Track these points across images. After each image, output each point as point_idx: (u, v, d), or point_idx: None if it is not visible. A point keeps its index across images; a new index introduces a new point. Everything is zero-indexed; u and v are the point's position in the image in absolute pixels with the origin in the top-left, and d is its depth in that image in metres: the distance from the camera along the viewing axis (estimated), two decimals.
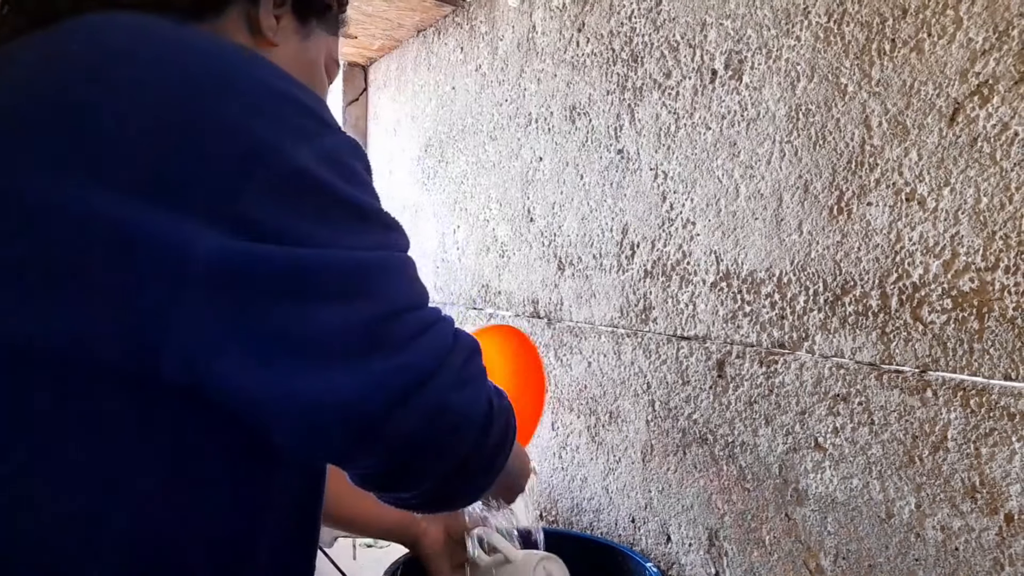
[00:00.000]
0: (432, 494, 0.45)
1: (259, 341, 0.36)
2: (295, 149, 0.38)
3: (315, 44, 0.58)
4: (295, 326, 0.37)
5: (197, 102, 0.38)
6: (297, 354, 0.37)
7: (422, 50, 1.55)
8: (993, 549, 0.60)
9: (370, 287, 0.39)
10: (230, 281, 0.36)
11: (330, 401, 0.37)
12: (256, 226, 0.37)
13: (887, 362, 0.68)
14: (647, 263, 0.96)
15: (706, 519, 0.88)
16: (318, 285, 0.37)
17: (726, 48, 0.84)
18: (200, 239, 0.35)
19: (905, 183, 0.66)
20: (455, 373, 0.42)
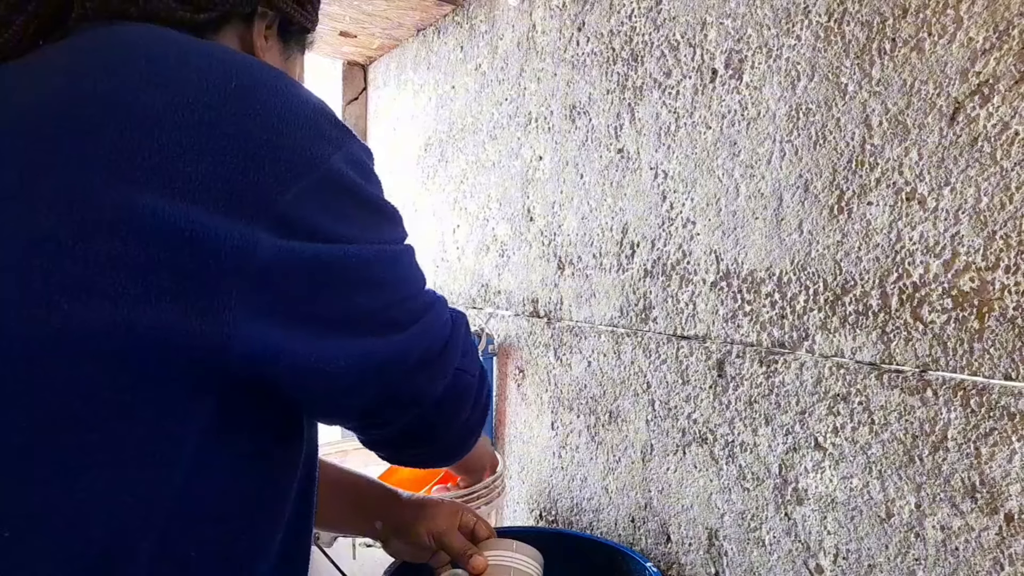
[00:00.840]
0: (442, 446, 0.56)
1: (309, 320, 0.42)
2: (331, 157, 0.44)
3: (293, 63, 0.63)
4: (338, 308, 0.44)
5: (248, 114, 0.42)
6: (341, 329, 0.44)
7: (422, 49, 1.55)
8: (993, 549, 0.60)
9: (394, 275, 0.48)
10: (284, 275, 0.41)
11: (369, 362, 0.45)
12: (300, 226, 0.42)
13: (887, 362, 0.67)
14: (647, 262, 0.95)
15: (706, 519, 0.88)
16: (354, 276, 0.44)
17: (726, 47, 0.84)
18: (257, 241, 0.40)
19: (905, 183, 0.66)
20: (463, 341, 0.53)
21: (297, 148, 0.43)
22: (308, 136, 0.43)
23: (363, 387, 0.46)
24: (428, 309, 0.50)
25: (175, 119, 0.40)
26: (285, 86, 0.45)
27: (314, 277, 0.42)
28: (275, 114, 0.43)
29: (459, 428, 0.56)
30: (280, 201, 0.41)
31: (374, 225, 0.47)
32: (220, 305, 0.40)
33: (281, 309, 0.41)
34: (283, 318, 0.41)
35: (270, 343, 0.41)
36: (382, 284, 0.46)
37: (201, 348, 0.40)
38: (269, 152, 0.41)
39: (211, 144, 0.40)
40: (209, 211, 0.39)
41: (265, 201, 0.41)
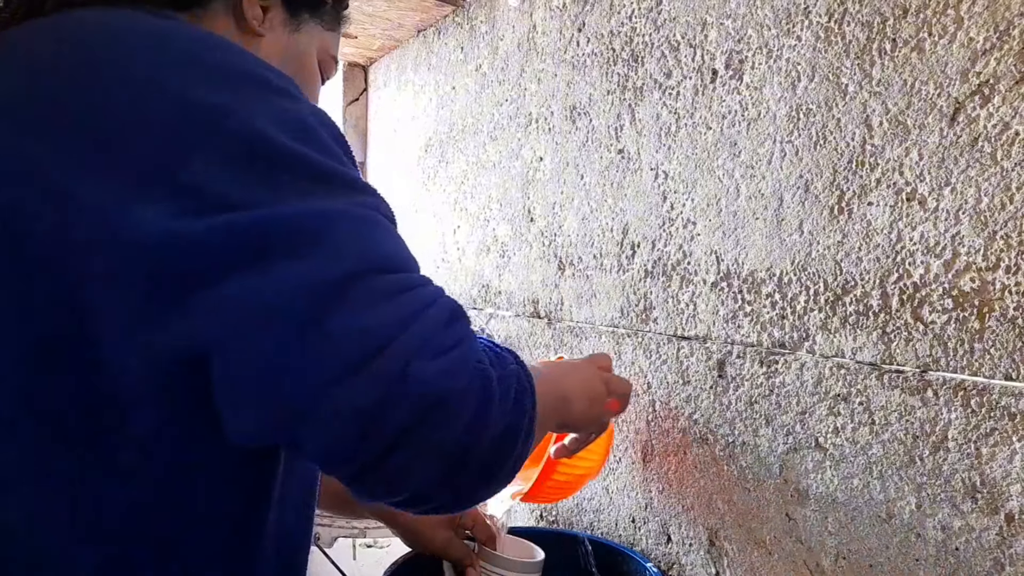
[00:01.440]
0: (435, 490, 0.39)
1: (213, 315, 0.34)
2: (250, 114, 0.37)
3: (306, 37, 0.57)
4: (246, 294, 0.34)
5: (155, 80, 0.38)
6: (238, 326, 0.34)
7: (422, 50, 1.55)
8: (993, 549, 0.60)
9: (329, 241, 0.36)
10: (187, 255, 0.34)
11: (274, 369, 0.34)
12: (204, 195, 0.35)
13: (888, 362, 0.67)
14: (647, 263, 0.95)
15: (706, 519, 0.87)
16: (265, 246, 0.35)
17: (727, 48, 0.84)
18: (139, 220, 0.34)
19: (906, 183, 0.66)
20: (423, 339, 0.36)
21: (208, 107, 0.37)
22: (223, 95, 0.38)
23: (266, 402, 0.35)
24: (391, 295, 0.37)
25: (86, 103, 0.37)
26: (212, 53, 0.40)
27: (210, 261, 0.34)
28: (189, 76, 0.38)
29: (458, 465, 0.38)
30: (187, 170, 0.35)
31: (310, 192, 0.37)
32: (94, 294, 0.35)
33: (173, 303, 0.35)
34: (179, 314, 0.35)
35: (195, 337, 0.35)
36: (310, 254, 0.35)
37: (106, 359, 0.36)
38: (171, 113, 0.37)
39: (110, 112, 0.37)
40: (96, 179, 0.35)
41: (168, 171, 0.35)
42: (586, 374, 0.58)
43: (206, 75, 0.38)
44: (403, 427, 0.35)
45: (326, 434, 0.34)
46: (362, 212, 0.38)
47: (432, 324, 0.37)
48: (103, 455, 0.38)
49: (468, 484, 0.39)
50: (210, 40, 0.41)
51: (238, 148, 0.36)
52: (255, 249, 0.34)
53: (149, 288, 0.35)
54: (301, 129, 0.39)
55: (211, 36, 0.42)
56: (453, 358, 0.37)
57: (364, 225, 0.37)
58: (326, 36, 0.60)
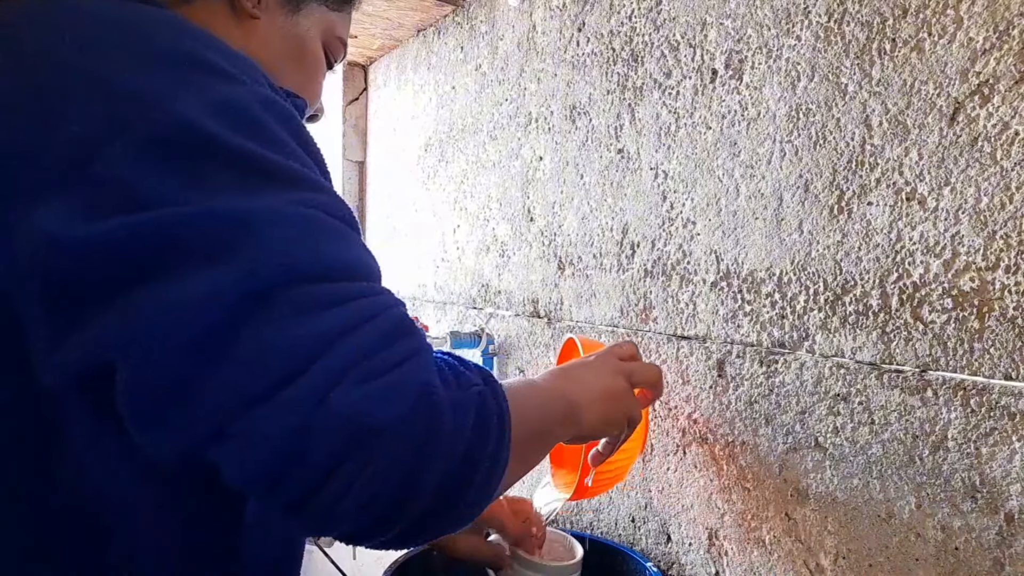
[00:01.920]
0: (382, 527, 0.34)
1: (103, 333, 0.30)
2: (177, 100, 0.32)
3: (307, 19, 0.53)
4: (141, 310, 0.30)
5: (80, 66, 0.33)
6: (142, 342, 0.30)
7: (422, 49, 1.55)
8: (993, 549, 0.60)
9: (254, 245, 0.31)
10: (60, 275, 0.30)
11: (179, 389, 0.30)
12: (112, 192, 0.31)
13: (887, 362, 0.67)
14: (647, 263, 0.96)
15: (706, 519, 0.88)
16: (178, 251, 0.30)
17: (726, 48, 0.84)
18: (39, 222, 0.30)
19: (906, 183, 0.66)
20: (351, 361, 0.31)
21: (128, 93, 0.32)
22: (148, 80, 0.33)
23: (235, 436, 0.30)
24: (325, 306, 0.32)
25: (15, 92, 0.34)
26: (147, 33, 0.35)
27: (136, 256, 0.30)
28: (114, 60, 0.33)
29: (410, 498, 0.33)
30: (98, 164, 0.31)
31: (242, 189, 0.32)
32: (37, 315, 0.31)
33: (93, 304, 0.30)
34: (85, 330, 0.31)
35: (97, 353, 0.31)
36: (225, 259, 0.30)
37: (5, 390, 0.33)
38: (88, 100, 0.32)
39: (22, 105, 0.33)
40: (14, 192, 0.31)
41: (74, 166, 0.31)
42: (599, 372, 0.53)
43: (138, 59, 0.34)
44: (325, 464, 0.30)
45: (238, 463, 0.30)
46: (300, 212, 0.33)
47: (367, 342, 0.32)
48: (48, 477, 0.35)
49: (416, 523, 0.34)
50: (161, 22, 0.37)
51: (157, 138, 0.32)
52: (167, 254, 0.30)
53: (52, 297, 0.31)
54: (238, 116, 0.34)
55: (168, 19, 0.38)
56: (389, 382, 0.32)
57: (300, 227, 0.33)
58: (332, 17, 0.55)
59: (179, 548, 0.39)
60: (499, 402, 0.37)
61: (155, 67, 0.34)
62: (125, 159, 0.31)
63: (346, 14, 0.58)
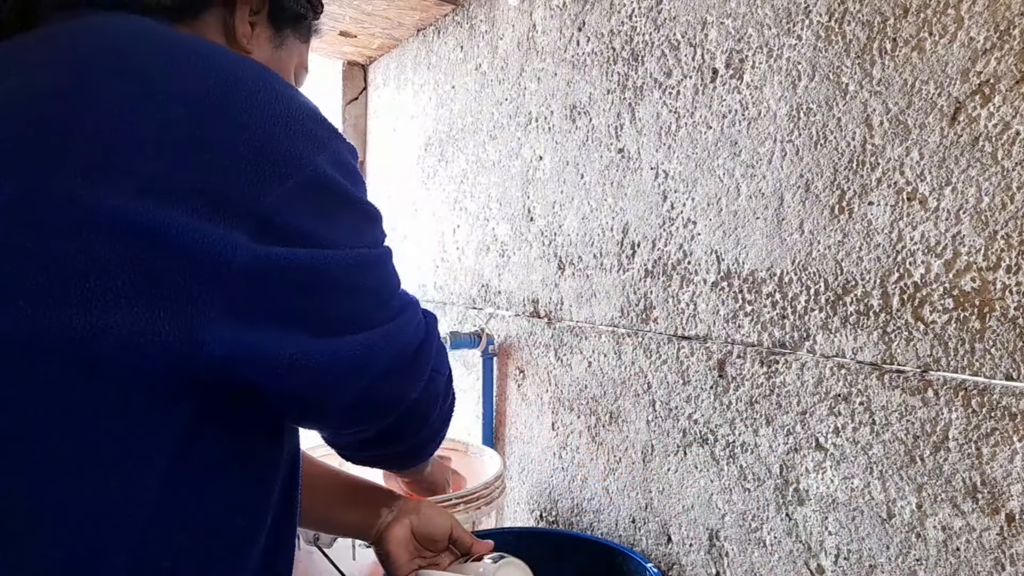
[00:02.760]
0: (404, 448, 0.57)
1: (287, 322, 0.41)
2: (315, 157, 0.42)
3: (287, 52, 0.59)
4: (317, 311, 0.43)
5: (229, 113, 0.40)
6: (320, 331, 0.43)
7: (422, 49, 1.55)
8: (994, 549, 0.60)
9: (373, 280, 0.47)
10: (262, 280, 0.40)
11: (348, 360, 0.44)
12: (282, 229, 0.40)
13: (888, 362, 0.67)
14: (648, 263, 0.95)
15: (707, 519, 0.87)
16: (333, 281, 0.43)
17: (727, 47, 0.83)
18: (236, 245, 0.39)
19: (906, 182, 0.66)
20: (436, 340, 0.53)
21: (281, 149, 0.41)
22: (292, 136, 0.42)
23: (342, 386, 0.45)
24: (403, 311, 0.49)
25: (143, 113, 0.38)
26: (268, 82, 0.43)
27: (293, 282, 0.41)
28: (258, 112, 0.41)
29: (426, 431, 0.56)
30: (262, 203, 0.40)
31: (356, 228, 0.46)
32: (194, 310, 0.38)
33: (258, 312, 0.40)
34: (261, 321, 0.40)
35: (246, 345, 0.40)
36: (361, 289, 0.45)
37: (173, 352, 0.38)
38: (251, 153, 0.40)
39: (187, 142, 0.39)
40: (184, 212, 0.38)
41: (246, 204, 0.39)
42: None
43: (275, 115, 0.42)
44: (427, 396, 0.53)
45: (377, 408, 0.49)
46: (385, 252, 0.49)
47: (436, 331, 0.54)
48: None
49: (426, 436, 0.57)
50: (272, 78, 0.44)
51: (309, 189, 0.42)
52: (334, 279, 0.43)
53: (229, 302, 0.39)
54: (350, 170, 0.45)
55: (256, 62, 0.45)
56: (444, 353, 0.57)
57: (386, 262, 0.49)
58: (302, 48, 0.62)
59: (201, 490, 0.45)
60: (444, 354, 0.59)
61: (289, 120, 0.42)
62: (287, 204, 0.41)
63: (308, 45, 0.65)
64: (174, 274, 0.38)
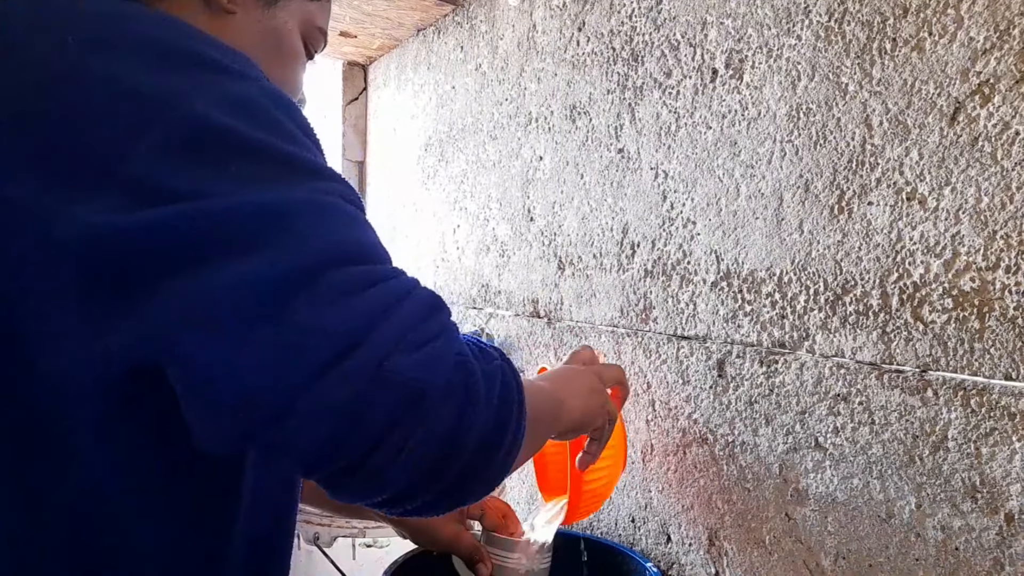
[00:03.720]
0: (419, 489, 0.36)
1: (155, 318, 0.32)
2: (191, 98, 0.34)
3: (284, 11, 0.52)
4: (193, 295, 0.32)
5: (84, 64, 0.34)
6: (196, 326, 0.32)
7: (422, 49, 1.55)
8: (993, 549, 0.60)
9: (290, 232, 0.33)
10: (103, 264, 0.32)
11: (239, 373, 0.31)
12: (149, 188, 0.32)
13: (888, 362, 0.67)
14: (647, 263, 0.95)
15: (706, 519, 0.87)
16: (219, 240, 0.32)
17: (727, 47, 0.83)
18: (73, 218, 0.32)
19: (906, 182, 0.66)
20: (399, 334, 0.34)
21: (145, 95, 0.34)
22: (161, 81, 0.34)
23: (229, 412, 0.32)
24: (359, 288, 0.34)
25: (13, 88, 0.34)
26: (147, 32, 0.37)
27: (150, 257, 0.32)
28: (122, 61, 0.35)
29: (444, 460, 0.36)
30: (128, 162, 0.33)
31: (267, 179, 0.35)
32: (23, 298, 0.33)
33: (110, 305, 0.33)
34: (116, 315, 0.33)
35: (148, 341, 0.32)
36: (264, 248, 0.33)
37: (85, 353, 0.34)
38: (107, 103, 0.34)
39: (41, 102, 0.34)
40: (41, 185, 0.32)
41: (107, 165, 0.33)
42: (572, 371, 0.57)
43: (147, 60, 0.35)
44: (383, 425, 0.33)
45: (302, 437, 0.32)
46: (325, 200, 0.35)
47: (407, 317, 0.35)
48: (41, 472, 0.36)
49: (453, 483, 0.37)
50: (151, 21, 0.38)
51: (182, 136, 0.33)
52: (209, 243, 0.32)
53: (89, 291, 0.32)
54: (253, 111, 0.36)
55: (154, 16, 0.39)
56: (431, 351, 0.35)
57: (327, 214, 0.35)
58: (310, 7, 0.55)
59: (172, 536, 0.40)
60: (516, 377, 0.41)
61: (165, 67, 0.35)
62: (155, 157, 0.33)
63: (325, 3, 0.57)
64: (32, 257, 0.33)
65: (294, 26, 0.54)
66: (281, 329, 0.32)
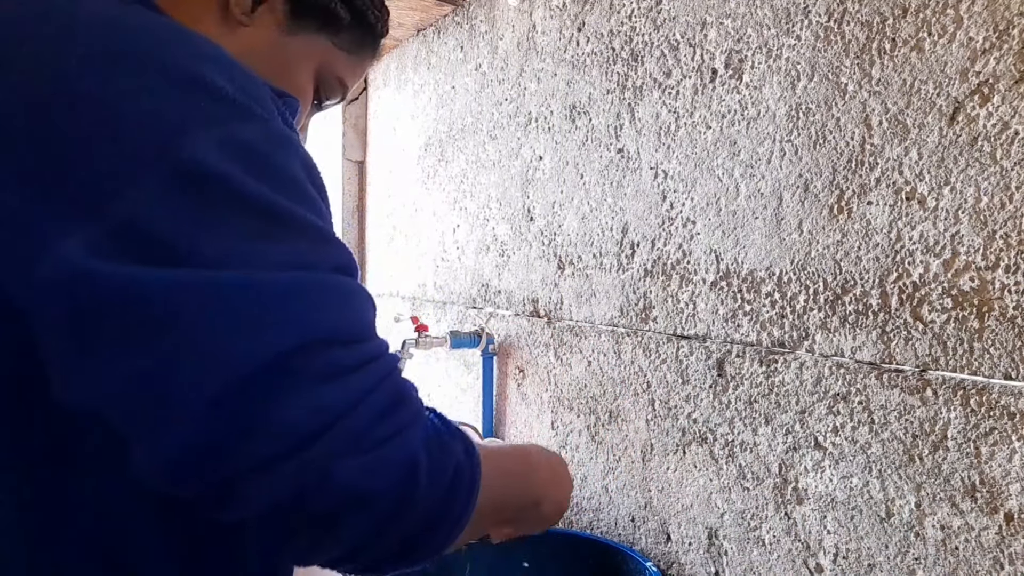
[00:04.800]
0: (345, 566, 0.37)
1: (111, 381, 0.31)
2: (193, 137, 0.32)
3: (303, 46, 0.50)
4: (152, 366, 0.30)
5: (89, 80, 0.32)
6: (153, 402, 0.31)
7: (422, 49, 1.55)
8: (993, 548, 0.60)
9: (268, 317, 0.32)
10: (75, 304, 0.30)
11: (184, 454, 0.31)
12: (133, 232, 0.31)
13: (887, 361, 0.68)
14: (647, 262, 0.96)
15: (706, 518, 0.88)
16: (188, 317, 0.30)
17: (726, 47, 0.84)
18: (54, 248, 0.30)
19: (905, 182, 0.66)
20: (356, 434, 0.33)
21: (144, 128, 0.32)
22: (166, 110, 0.32)
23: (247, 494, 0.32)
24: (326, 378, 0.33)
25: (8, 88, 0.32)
26: (158, 50, 0.34)
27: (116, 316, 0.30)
28: (128, 81, 0.32)
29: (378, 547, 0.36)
30: (120, 199, 0.31)
31: (262, 240, 0.33)
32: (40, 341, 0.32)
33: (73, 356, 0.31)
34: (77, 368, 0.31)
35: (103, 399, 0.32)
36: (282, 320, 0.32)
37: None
38: (108, 128, 0.31)
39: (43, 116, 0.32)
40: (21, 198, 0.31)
41: (100, 198, 0.31)
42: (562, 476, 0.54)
43: (148, 83, 0.33)
44: (317, 517, 0.33)
45: (240, 513, 0.33)
46: (313, 279, 0.34)
47: (368, 415, 0.34)
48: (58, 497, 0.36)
49: (384, 560, 0.38)
50: (159, 34, 0.36)
51: (180, 181, 0.32)
52: (185, 317, 0.30)
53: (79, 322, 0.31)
54: (256, 159, 0.34)
55: (164, 29, 0.36)
56: (381, 456, 0.34)
57: (313, 294, 0.34)
58: (337, 55, 0.52)
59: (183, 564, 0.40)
60: (473, 475, 0.39)
61: (171, 94, 0.33)
62: (149, 198, 0.31)
63: (358, 58, 0.54)
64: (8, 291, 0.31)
65: (308, 64, 0.51)
66: (245, 413, 0.31)
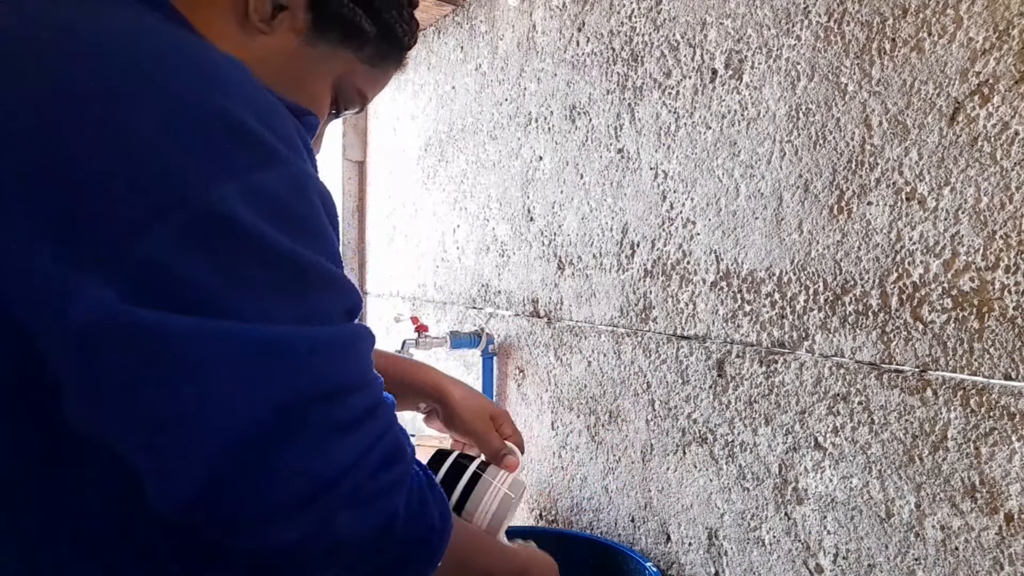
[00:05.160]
0: None
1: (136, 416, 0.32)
2: (217, 183, 0.32)
3: (320, 57, 0.49)
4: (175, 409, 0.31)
5: (108, 124, 0.32)
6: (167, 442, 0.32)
7: (422, 49, 1.55)
8: (993, 548, 0.60)
9: (281, 369, 0.33)
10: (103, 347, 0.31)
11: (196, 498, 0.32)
12: (157, 278, 0.31)
13: (887, 362, 0.67)
14: (647, 262, 0.96)
15: (706, 518, 0.88)
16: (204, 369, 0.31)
17: (726, 47, 0.84)
18: (83, 292, 0.30)
19: (905, 182, 0.66)
20: (358, 485, 0.36)
21: (167, 173, 0.32)
22: (187, 153, 0.32)
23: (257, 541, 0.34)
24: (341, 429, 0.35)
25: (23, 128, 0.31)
26: (180, 80, 0.33)
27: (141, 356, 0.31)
28: (149, 115, 0.32)
29: None
30: (145, 240, 0.31)
31: (272, 291, 0.34)
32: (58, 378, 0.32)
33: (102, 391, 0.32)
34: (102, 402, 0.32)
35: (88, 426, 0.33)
36: (253, 382, 0.32)
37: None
38: (129, 170, 0.31)
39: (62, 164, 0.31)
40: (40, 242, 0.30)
41: (114, 238, 0.31)
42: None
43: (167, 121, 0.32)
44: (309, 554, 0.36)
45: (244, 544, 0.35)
46: (327, 332, 0.35)
47: (369, 468, 0.36)
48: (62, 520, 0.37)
49: None
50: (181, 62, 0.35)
51: (202, 227, 0.32)
52: (202, 368, 0.31)
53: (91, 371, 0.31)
54: (278, 209, 0.34)
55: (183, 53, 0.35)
56: (373, 507, 0.37)
57: (329, 344, 0.35)
58: (359, 68, 0.51)
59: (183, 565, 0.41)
60: (441, 546, 0.42)
61: (189, 135, 0.33)
62: (172, 244, 0.31)
63: (380, 71, 0.53)
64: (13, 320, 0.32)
65: (327, 75, 0.50)
66: (257, 463, 0.32)
